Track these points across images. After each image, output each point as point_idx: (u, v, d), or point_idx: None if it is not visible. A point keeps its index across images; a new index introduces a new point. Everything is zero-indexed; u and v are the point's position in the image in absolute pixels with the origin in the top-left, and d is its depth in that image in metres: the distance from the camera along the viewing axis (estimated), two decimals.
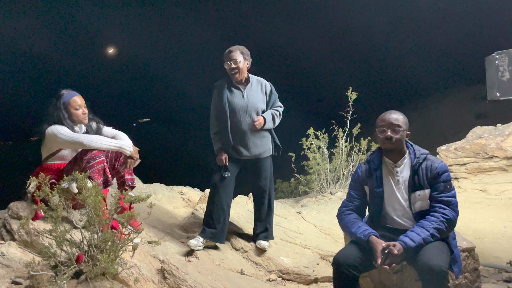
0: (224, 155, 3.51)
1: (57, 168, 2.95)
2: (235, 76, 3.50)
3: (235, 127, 3.50)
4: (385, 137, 2.49)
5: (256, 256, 3.60)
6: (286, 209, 5.09)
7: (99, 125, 3.20)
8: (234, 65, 3.45)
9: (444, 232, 2.35)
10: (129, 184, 3.11)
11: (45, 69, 44.41)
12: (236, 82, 3.55)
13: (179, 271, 2.78)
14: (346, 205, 2.68)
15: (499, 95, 5.02)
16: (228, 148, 3.51)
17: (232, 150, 3.53)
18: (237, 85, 3.55)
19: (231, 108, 3.49)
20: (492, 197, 6.08)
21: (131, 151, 2.98)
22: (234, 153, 3.55)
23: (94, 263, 2.30)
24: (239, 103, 3.51)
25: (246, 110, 3.52)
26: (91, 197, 2.31)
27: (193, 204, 4.89)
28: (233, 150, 3.53)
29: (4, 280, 2.28)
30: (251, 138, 3.54)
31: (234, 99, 3.52)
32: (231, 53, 3.47)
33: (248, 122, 3.52)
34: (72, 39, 47.48)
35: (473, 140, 6.85)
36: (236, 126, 3.50)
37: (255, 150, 3.56)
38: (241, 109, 3.51)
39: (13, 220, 2.80)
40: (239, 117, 3.50)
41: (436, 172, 2.44)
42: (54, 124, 2.89)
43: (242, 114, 3.51)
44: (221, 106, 3.51)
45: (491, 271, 3.54)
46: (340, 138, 7.38)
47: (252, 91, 3.58)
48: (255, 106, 3.55)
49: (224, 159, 3.50)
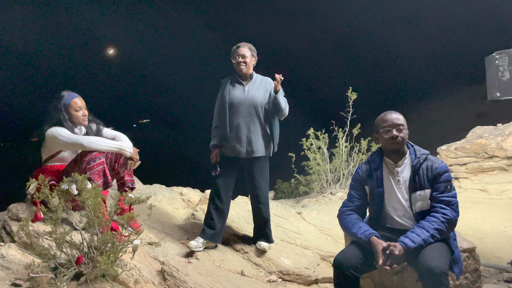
0: (216, 152, 3.60)
1: (57, 169, 2.95)
2: (241, 69, 3.54)
3: (231, 120, 3.55)
4: (391, 137, 2.48)
5: (256, 257, 3.60)
6: (286, 209, 5.08)
7: (99, 127, 3.20)
8: (242, 59, 3.52)
9: (444, 233, 2.35)
10: (129, 186, 3.11)
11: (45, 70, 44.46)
12: (241, 78, 3.61)
13: (179, 272, 2.78)
14: (346, 205, 2.68)
15: (499, 94, 5.02)
16: (224, 141, 3.56)
17: (227, 146, 3.56)
18: (240, 80, 3.61)
19: (230, 101, 3.55)
20: (492, 197, 6.07)
21: (131, 153, 2.98)
22: (229, 150, 3.56)
23: (94, 264, 2.30)
24: (238, 96, 3.56)
25: (244, 104, 3.55)
26: (91, 199, 2.30)
27: (193, 205, 4.88)
28: (228, 146, 3.56)
29: (4, 282, 2.28)
30: (246, 133, 3.55)
31: (234, 92, 3.58)
32: (239, 48, 3.56)
33: (245, 116, 3.54)
34: (72, 40, 47.44)
35: (473, 140, 6.84)
36: (232, 118, 3.54)
37: (249, 146, 3.54)
38: (239, 102, 3.54)
39: (13, 222, 2.80)
40: (236, 110, 3.54)
41: (437, 172, 2.43)
42: (54, 126, 2.89)
43: (239, 107, 3.54)
44: (222, 99, 3.59)
45: (492, 272, 3.54)
46: (340, 138, 7.38)
47: (254, 87, 3.61)
48: (254, 101, 3.56)
49: (215, 155, 3.59)
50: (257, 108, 3.56)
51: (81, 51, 51.67)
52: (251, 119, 3.56)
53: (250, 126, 3.56)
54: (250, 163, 3.62)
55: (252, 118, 3.57)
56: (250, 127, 3.55)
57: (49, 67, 44.18)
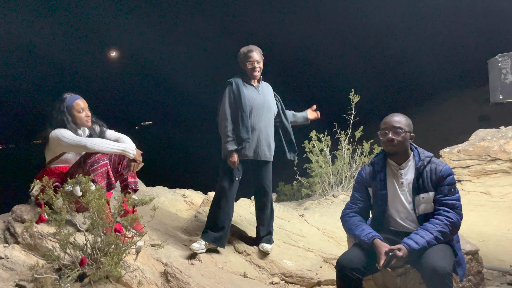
0: (236, 157, 3.43)
1: (60, 171, 2.96)
2: (255, 74, 3.56)
3: (252, 124, 3.49)
4: (386, 140, 2.49)
5: (259, 259, 3.60)
6: (288, 212, 5.08)
7: (102, 128, 3.21)
8: (257, 64, 3.54)
9: (448, 235, 2.34)
10: (132, 187, 3.12)
11: (49, 71, 44.55)
12: (250, 80, 3.60)
13: (182, 274, 2.78)
14: (350, 207, 2.67)
15: (502, 97, 5.02)
16: (244, 147, 3.44)
17: (244, 149, 3.46)
18: (251, 83, 3.61)
19: (250, 104, 3.49)
20: (495, 200, 6.06)
21: (134, 154, 2.99)
22: (243, 153, 3.47)
23: (98, 266, 2.31)
24: (257, 99, 3.54)
25: (263, 106, 3.56)
26: (95, 200, 2.32)
27: (196, 207, 4.89)
28: (243, 149, 3.46)
29: (8, 283, 2.29)
30: (266, 137, 3.56)
31: (252, 95, 3.54)
32: (252, 52, 3.54)
33: (264, 119, 3.55)
34: (75, 41, 47.65)
35: (476, 142, 6.82)
36: (253, 121, 3.49)
37: (268, 150, 3.58)
38: (258, 105, 3.53)
39: (17, 223, 2.81)
40: (256, 113, 3.51)
41: (441, 175, 2.43)
42: (57, 128, 2.90)
43: (259, 110, 3.53)
44: (240, 102, 3.44)
45: (495, 274, 3.53)
46: (343, 140, 7.38)
47: (265, 91, 3.66)
48: (269, 103, 3.60)
49: (236, 159, 3.43)
50: (272, 113, 3.63)
51: (85, 52, 51.85)
52: (269, 123, 3.59)
53: (268, 130, 3.58)
54: (260, 166, 3.62)
55: (269, 122, 3.61)
56: (268, 131, 3.58)
57: (54, 69, 44.34)
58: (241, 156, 3.49)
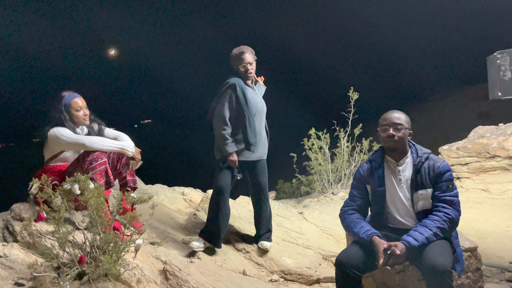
0: (236, 156, 3.42)
1: (59, 169, 2.96)
2: (250, 76, 3.56)
3: (254, 126, 3.49)
4: (387, 136, 2.50)
5: (258, 256, 3.60)
6: (288, 209, 5.08)
7: (101, 127, 3.21)
8: (250, 66, 3.52)
9: (447, 232, 2.35)
10: (131, 185, 3.11)
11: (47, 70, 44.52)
12: (246, 81, 3.59)
13: (181, 272, 2.78)
14: (348, 204, 2.68)
15: (501, 94, 5.02)
16: (248, 148, 3.45)
17: (248, 153, 3.48)
18: (249, 84, 3.62)
19: (254, 107, 3.51)
20: (494, 197, 6.06)
21: (133, 152, 2.98)
22: (249, 156, 3.50)
23: (97, 264, 2.31)
24: (258, 101, 3.59)
25: (262, 109, 3.63)
26: (93, 199, 2.31)
27: (195, 205, 4.89)
28: (248, 153, 3.48)
29: (7, 282, 2.29)
30: (265, 136, 3.66)
31: (254, 97, 3.56)
32: (244, 54, 3.50)
33: (262, 121, 3.61)
34: (74, 40, 47.60)
35: (475, 139, 6.82)
36: (254, 124, 3.49)
37: (263, 149, 3.64)
38: (259, 107, 3.57)
39: (16, 222, 2.81)
40: (257, 115, 3.55)
41: (439, 171, 2.44)
42: (56, 126, 2.90)
43: (260, 113, 3.58)
44: (246, 106, 3.42)
45: (494, 271, 3.53)
46: (342, 138, 7.38)
47: (258, 90, 3.73)
48: (263, 103, 3.66)
49: (236, 159, 3.42)
50: (265, 111, 3.68)
51: (84, 51, 51.81)
52: (263, 123, 3.66)
53: (263, 128, 3.66)
54: (257, 165, 3.63)
55: (264, 122, 3.67)
56: (263, 130, 3.66)
57: (52, 67, 44.31)
58: (243, 158, 3.48)
